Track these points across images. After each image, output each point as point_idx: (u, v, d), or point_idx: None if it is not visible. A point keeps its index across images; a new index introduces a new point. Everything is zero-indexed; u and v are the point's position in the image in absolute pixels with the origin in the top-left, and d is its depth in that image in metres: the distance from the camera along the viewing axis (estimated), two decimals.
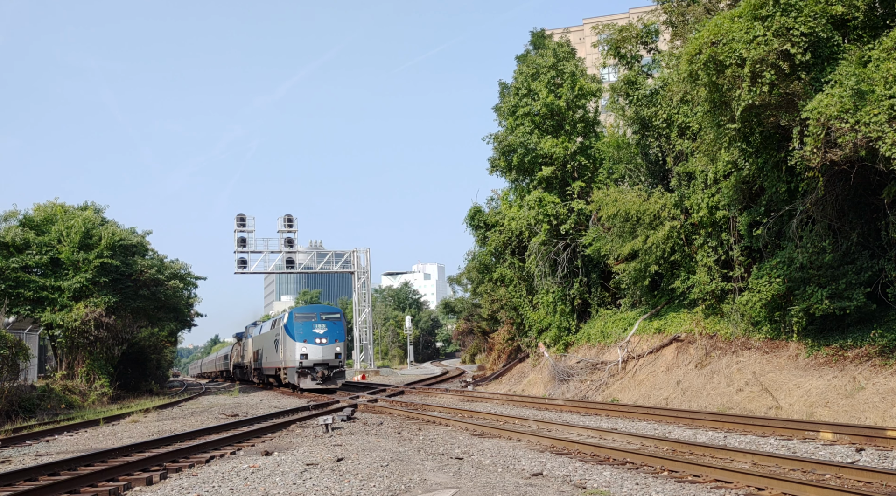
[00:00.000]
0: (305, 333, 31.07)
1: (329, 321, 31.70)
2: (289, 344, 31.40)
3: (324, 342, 30.73)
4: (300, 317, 31.97)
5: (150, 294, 35.18)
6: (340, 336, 31.70)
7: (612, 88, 25.99)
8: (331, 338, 31.13)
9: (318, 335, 31.02)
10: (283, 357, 32.63)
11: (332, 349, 31.03)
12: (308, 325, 31.27)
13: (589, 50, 67.47)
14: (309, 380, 30.34)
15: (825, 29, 15.43)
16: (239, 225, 43.79)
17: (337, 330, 31.62)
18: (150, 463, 11.54)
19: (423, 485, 8.95)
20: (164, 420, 21.31)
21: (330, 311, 32.86)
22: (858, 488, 8.20)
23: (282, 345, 32.91)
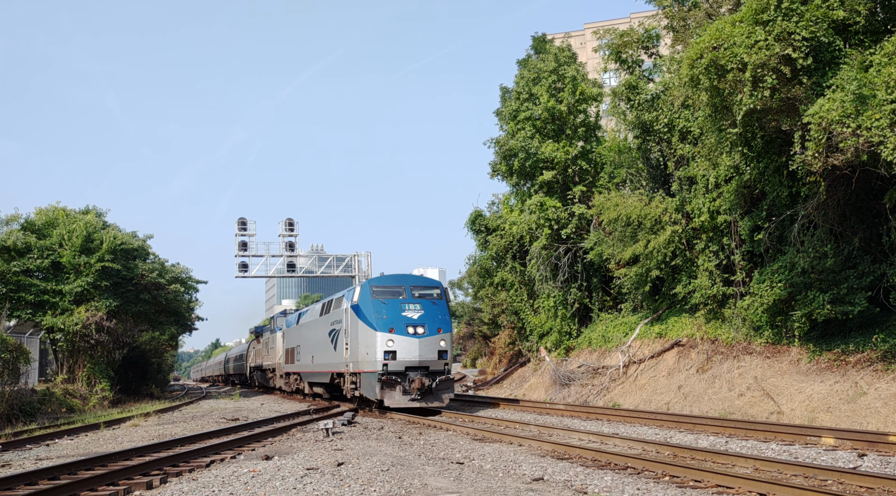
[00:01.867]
0: (392, 318, 20.37)
1: (426, 300, 21.03)
2: (363, 335, 20.79)
3: (421, 332, 20.24)
4: (382, 292, 21.08)
5: (151, 298, 35.16)
6: (446, 323, 20.88)
7: (614, 93, 26.01)
8: (431, 327, 20.45)
9: (412, 321, 20.33)
10: (351, 356, 21.93)
11: (435, 344, 20.37)
12: (394, 306, 20.61)
13: (590, 54, 67.53)
14: (399, 394, 19.91)
15: (826, 33, 15.44)
16: (240, 229, 43.78)
17: (439, 313, 20.95)
18: (150, 467, 11.51)
19: (424, 490, 8.93)
20: (164, 424, 21.28)
21: (426, 284, 22.04)
22: (861, 494, 8.17)
23: (347, 336, 22.24)
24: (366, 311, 20.63)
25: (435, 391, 20.17)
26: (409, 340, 20.04)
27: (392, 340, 19.91)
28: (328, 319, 24.87)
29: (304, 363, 28.53)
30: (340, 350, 22.88)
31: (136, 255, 35.19)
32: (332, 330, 24.19)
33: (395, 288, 21.21)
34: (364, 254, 48.15)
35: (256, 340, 46.27)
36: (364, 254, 48.15)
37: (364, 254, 48.17)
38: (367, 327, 20.44)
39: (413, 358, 20.03)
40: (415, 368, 20.02)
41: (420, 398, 19.89)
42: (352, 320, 21.67)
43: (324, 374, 25.59)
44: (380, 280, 22.00)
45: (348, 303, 22.19)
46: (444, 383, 20.38)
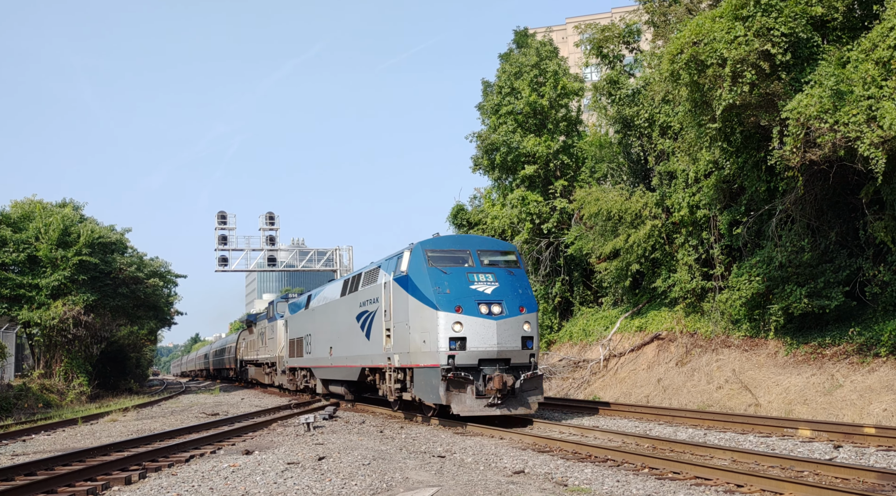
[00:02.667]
0: (457, 293, 15.11)
1: (500, 269, 15.93)
2: (417, 316, 15.50)
3: (498, 312, 14.98)
4: (441, 258, 15.84)
5: (130, 292, 34.85)
6: (529, 300, 15.61)
7: (595, 88, 26.10)
8: (511, 304, 15.19)
9: (486, 298, 15.12)
10: (396, 345, 16.50)
11: (517, 328, 15.10)
12: (459, 277, 15.36)
13: (571, 49, 67.70)
14: (471, 398, 14.60)
15: (805, 30, 15.58)
16: (220, 222, 43.44)
17: (519, 286, 15.71)
18: (128, 462, 11.41)
19: (405, 484, 8.93)
20: (143, 419, 21.11)
21: (497, 248, 16.76)
22: (836, 484, 8.28)
23: (389, 319, 16.88)
24: (420, 284, 15.27)
25: (519, 393, 14.68)
26: (483, 323, 14.59)
27: (460, 323, 14.49)
28: (355, 299, 19.48)
29: (318, 356, 23.22)
30: (377, 338, 17.57)
31: (114, 249, 34.85)
32: (362, 313, 18.81)
33: (456, 252, 15.92)
34: (346, 248, 48.02)
35: (248, 330, 40.85)
36: (346, 248, 48.02)
37: (346, 247, 48.04)
38: (424, 305, 15.03)
39: (490, 347, 14.61)
40: (491, 362, 14.63)
41: (501, 403, 14.42)
42: (397, 297, 16.31)
43: (349, 370, 20.14)
44: (435, 242, 16.22)
45: (389, 275, 16.94)
46: (530, 382, 15.03)
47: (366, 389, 21.60)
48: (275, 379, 32.37)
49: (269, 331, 33.40)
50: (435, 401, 14.94)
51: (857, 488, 7.98)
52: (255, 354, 37.37)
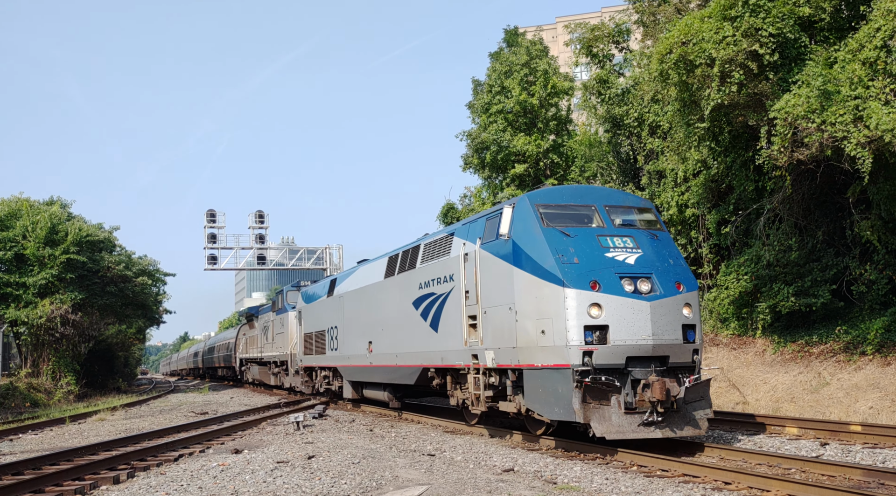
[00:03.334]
0: (590, 261, 10.81)
1: (641, 231, 11.71)
2: (527, 295, 11.17)
3: (647, 290, 10.65)
4: (559, 215, 11.57)
5: (118, 290, 34.65)
6: (685, 273, 11.36)
7: (585, 87, 26.18)
8: (664, 278, 10.91)
9: (629, 269, 10.80)
10: (494, 337, 12.07)
11: (675, 312, 10.77)
12: (587, 240, 11.12)
13: (562, 48, 67.82)
14: (618, 413, 10.26)
15: (793, 30, 15.68)
16: (209, 221, 43.26)
17: (668, 253, 11.54)
18: (117, 461, 11.36)
19: (395, 482, 8.94)
20: (131, 418, 21.02)
21: (629, 203, 12.46)
22: (822, 482, 8.36)
23: (482, 301, 12.48)
24: (533, 251, 11.01)
25: (682, 405, 10.47)
26: (631, 306, 10.33)
27: (599, 305, 10.25)
28: (410, 280, 15.33)
29: (349, 353, 19.13)
30: (451, 328, 13.37)
31: (102, 248, 34.65)
32: (423, 297, 14.53)
33: (578, 208, 11.67)
34: (336, 247, 47.95)
35: (249, 325, 36.63)
36: (336, 247, 47.95)
37: (336, 246, 47.97)
38: (541, 281, 10.76)
39: (641, 339, 10.27)
40: (643, 360, 10.36)
41: (661, 420, 10.16)
42: (490, 271, 12.06)
43: (400, 371, 15.94)
44: (547, 195, 11.96)
45: (473, 242, 12.69)
46: (695, 389, 10.64)
47: (424, 394, 18.14)
48: (284, 380, 28.06)
49: (276, 325, 29.04)
50: (562, 416, 10.41)
51: (843, 485, 8.05)
52: (259, 352, 32.87)
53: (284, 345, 27.25)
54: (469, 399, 13.15)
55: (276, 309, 29.46)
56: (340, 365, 20.39)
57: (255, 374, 34.35)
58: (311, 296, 23.98)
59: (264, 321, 32.04)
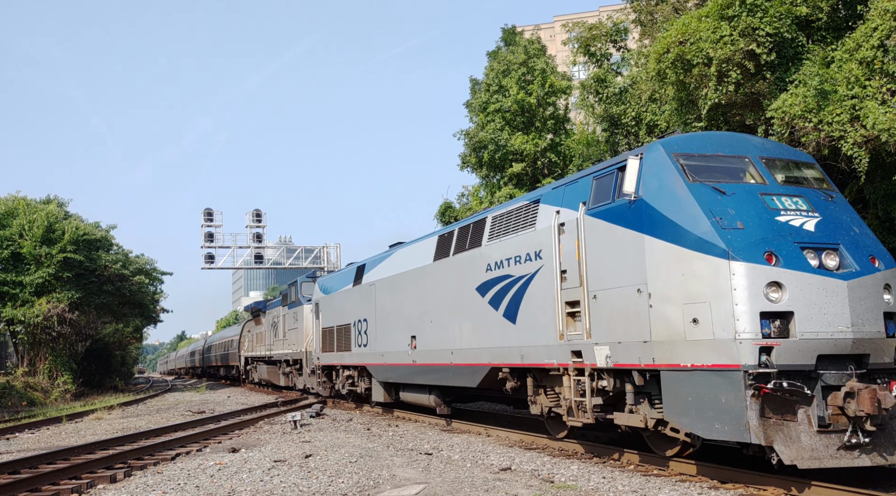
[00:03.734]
0: (756, 227, 8.04)
1: (812, 191, 8.97)
2: (667, 271, 8.45)
3: (842, 266, 8.02)
4: (704, 168, 8.81)
5: (115, 289, 34.61)
6: (875, 245, 8.67)
7: (582, 86, 26.17)
8: (855, 252, 8.20)
9: (809, 238, 8.10)
10: (606, 327, 9.39)
11: (875, 293, 8.02)
12: (750, 198, 8.43)
13: (559, 47, 67.87)
14: (808, 432, 7.47)
15: (790, 29, 15.70)
16: (206, 220, 43.21)
17: (850, 219, 8.92)
18: (114, 460, 11.36)
19: (392, 481, 8.95)
20: (128, 417, 21.00)
21: (793, 157, 9.81)
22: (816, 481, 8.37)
23: (589, 282, 9.72)
24: (674, 212, 8.57)
25: (886, 421, 7.81)
26: (821, 285, 7.87)
27: (779, 283, 7.78)
28: (474, 261, 12.72)
29: (383, 349, 16.79)
30: (535, 318, 10.91)
31: (99, 246, 34.60)
32: (494, 280, 12.06)
33: (728, 160, 9.15)
34: (333, 246, 47.95)
35: (255, 321, 34.63)
36: (333, 246, 47.95)
37: (333, 245, 47.97)
38: (688, 252, 8.28)
39: (839, 331, 7.82)
40: (837, 360, 7.88)
41: (867, 442, 7.60)
42: (602, 243, 9.60)
43: (458, 371, 13.30)
44: (687, 142, 9.41)
45: (572, 209, 10.26)
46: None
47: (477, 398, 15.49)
48: (297, 380, 25.99)
49: (287, 319, 26.74)
50: (729, 435, 7.75)
51: (839, 485, 8.06)
52: (267, 350, 30.46)
53: (298, 342, 25.02)
54: (564, 407, 10.35)
55: (288, 302, 27.00)
56: (370, 363, 17.74)
57: (263, 374, 31.84)
58: (330, 286, 21.38)
59: (273, 316, 29.69)
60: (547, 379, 11.16)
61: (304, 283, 25.50)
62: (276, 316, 29.11)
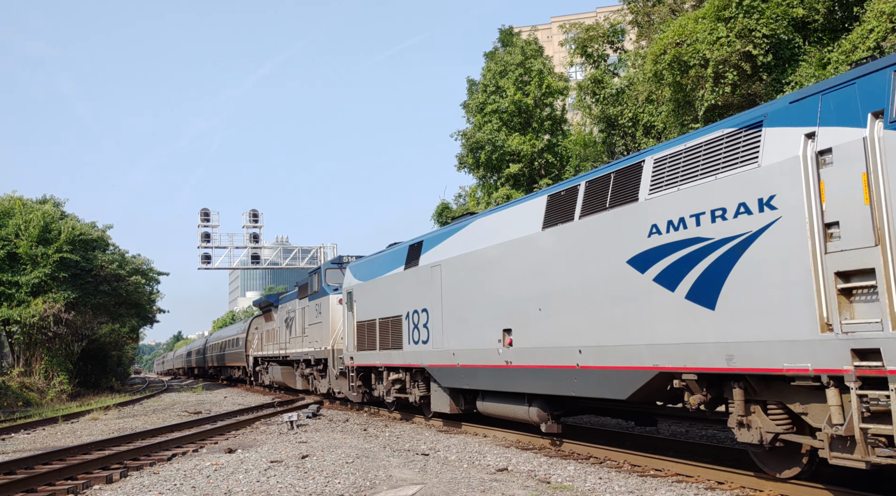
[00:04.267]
0: None
1: None
2: None
3: None
4: None
5: (111, 289, 34.55)
6: None
7: (579, 87, 26.21)
8: None
9: None
10: None
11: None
12: None
13: (556, 48, 67.92)
14: None
15: (786, 31, 15.75)
16: (203, 220, 43.17)
17: None
18: (110, 461, 11.34)
19: (389, 482, 8.94)
20: (124, 417, 20.96)
21: None
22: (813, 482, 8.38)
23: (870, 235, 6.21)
24: None
25: None
26: None
27: None
28: (625, 223, 9.27)
29: (459, 347, 13.33)
30: (767, 297, 7.25)
31: (95, 246, 34.55)
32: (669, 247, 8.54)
33: None
34: (330, 246, 47.93)
35: (264, 317, 31.71)
36: (330, 246, 47.93)
37: (330, 245, 47.95)
38: None
39: None
40: None
41: None
42: None
43: (600, 377, 9.69)
44: None
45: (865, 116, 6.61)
46: None
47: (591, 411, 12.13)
48: (319, 383, 22.62)
49: (307, 313, 23.25)
50: None
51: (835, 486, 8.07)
52: (280, 348, 27.11)
53: (322, 339, 21.39)
54: (825, 436, 6.77)
55: (309, 293, 23.30)
56: (433, 364, 14.26)
57: (277, 376, 28.05)
58: (368, 272, 17.70)
59: (287, 311, 26.47)
60: (770, 391, 7.63)
61: (328, 271, 21.78)
62: (291, 310, 26.01)
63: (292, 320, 25.59)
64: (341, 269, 21.16)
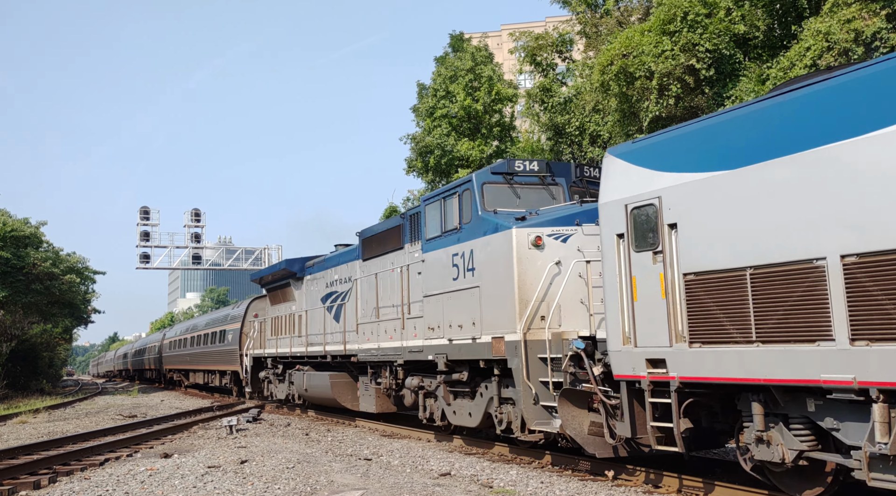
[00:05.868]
0: None
1: None
2: None
3: None
4: None
5: (44, 288, 33.31)
6: None
7: (528, 94, 26.49)
8: None
9: None
10: None
11: None
12: None
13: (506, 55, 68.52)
14: None
15: (728, 46, 16.23)
16: (142, 218, 42.04)
17: None
18: (37, 466, 10.92)
19: (330, 487, 8.83)
20: (55, 421, 20.22)
21: None
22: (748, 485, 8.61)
23: None
24: None
25: None
26: None
27: None
28: None
29: None
30: None
31: (27, 243, 33.27)
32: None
33: None
34: (275, 248, 47.26)
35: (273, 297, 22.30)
36: (275, 248, 47.26)
37: (275, 247, 47.28)
38: None
39: None
40: None
41: None
42: None
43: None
44: None
45: None
46: None
47: None
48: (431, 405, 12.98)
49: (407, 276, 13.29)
50: None
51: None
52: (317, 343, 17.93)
53: (487, 318, 10.82)
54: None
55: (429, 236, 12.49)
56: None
57: (307, 387, 18.33)
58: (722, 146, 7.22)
59: (335, 280, 17.21)
60: None
61: (488, 186, 11.33)
62: (343, 279, 16.62)
63: (349, 295, 16.18)
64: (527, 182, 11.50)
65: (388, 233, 14.44)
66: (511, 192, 11.34)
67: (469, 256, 11.28)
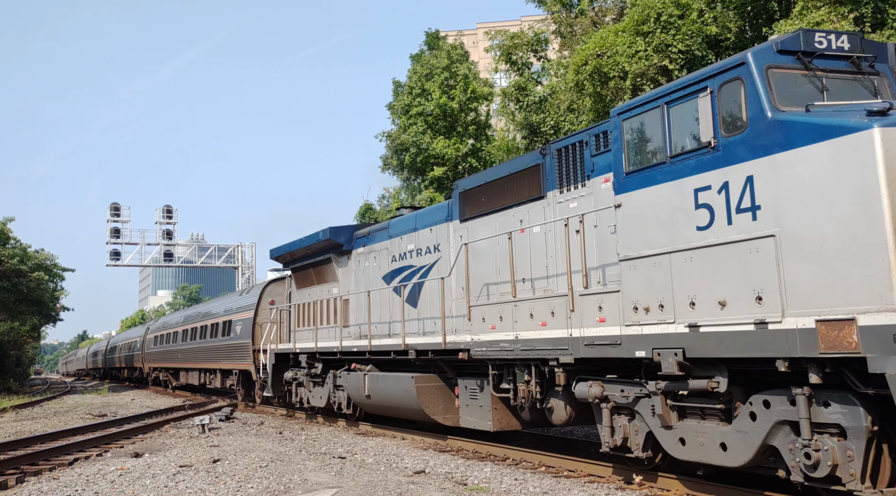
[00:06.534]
0: None
1: None
2: None
3: None
4: None
5: (11, 286, 32.72)
6: None
7: (504, 93, 26.54)
8: None
9: None
10: None
11: None
12: None
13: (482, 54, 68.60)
14: None
15: (700, 47, 16.42)
16: (113, 215, 41.45)
17: None
18: (5, 466, 10.73)
19: (304, 486, 8.79)
20: (22, 420, 19.88)
21: None
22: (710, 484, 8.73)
23: None
24: None
25: None
26: None
27: None
28: None
29: None
30: None
31: None
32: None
33: None
34: (248, 245, 46.89)
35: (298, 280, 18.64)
36: (248, 245, 46.89)
37: (248, 244, 46.93)
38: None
39: None
40: None
41: None
42: None
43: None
44: None
45: None
46: None
47: None
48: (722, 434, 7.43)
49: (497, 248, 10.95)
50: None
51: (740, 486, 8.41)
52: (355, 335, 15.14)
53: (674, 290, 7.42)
54: None
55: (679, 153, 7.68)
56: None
57: (369, 393, 13.94)
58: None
59: (403, 251, 13.94)
60: None
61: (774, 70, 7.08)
62: (433, 242, 12.98)
63: (434, 269, 12.85)
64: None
65: (513, 178, 10.81)
66: (810, 83, 7.16)
67: (744, 188, 6.89)
